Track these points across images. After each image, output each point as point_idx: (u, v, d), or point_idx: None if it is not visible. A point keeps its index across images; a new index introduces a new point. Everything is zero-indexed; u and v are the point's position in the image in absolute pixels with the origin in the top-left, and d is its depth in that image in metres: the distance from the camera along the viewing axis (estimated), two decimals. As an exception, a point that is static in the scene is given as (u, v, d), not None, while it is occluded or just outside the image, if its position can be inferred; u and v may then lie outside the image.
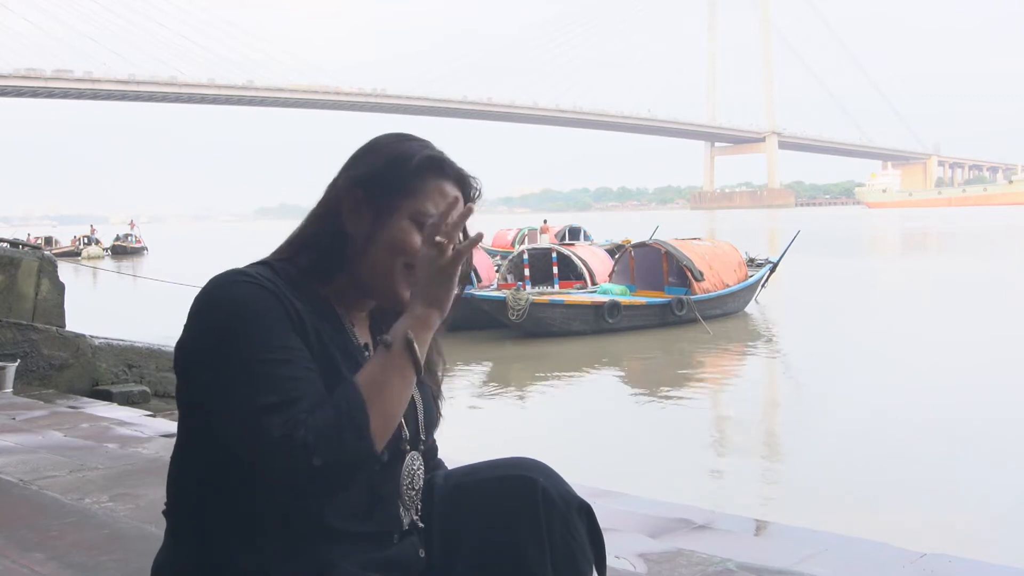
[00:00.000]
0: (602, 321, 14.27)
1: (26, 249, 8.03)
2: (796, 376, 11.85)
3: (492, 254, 21.40)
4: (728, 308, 16.02)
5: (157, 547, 1.38)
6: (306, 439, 1.17)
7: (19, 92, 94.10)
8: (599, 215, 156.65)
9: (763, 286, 17.34)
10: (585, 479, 3.39)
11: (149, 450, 4.17)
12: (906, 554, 2.76)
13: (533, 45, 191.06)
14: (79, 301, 11.19)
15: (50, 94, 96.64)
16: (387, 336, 1.28)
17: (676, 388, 10.61)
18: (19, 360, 6.20)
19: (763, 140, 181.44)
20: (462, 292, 1.42)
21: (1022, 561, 4.48)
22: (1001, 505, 5.93)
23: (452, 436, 1.63)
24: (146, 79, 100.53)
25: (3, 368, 5.93)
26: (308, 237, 1.38)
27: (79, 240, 48.23)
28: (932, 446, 7.49)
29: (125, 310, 19.37)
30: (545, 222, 30.20)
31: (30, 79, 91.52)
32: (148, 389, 6.69)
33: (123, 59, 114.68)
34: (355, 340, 1.37)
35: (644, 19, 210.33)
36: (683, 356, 13.09)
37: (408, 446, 1.37)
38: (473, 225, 1.34)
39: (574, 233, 29.32)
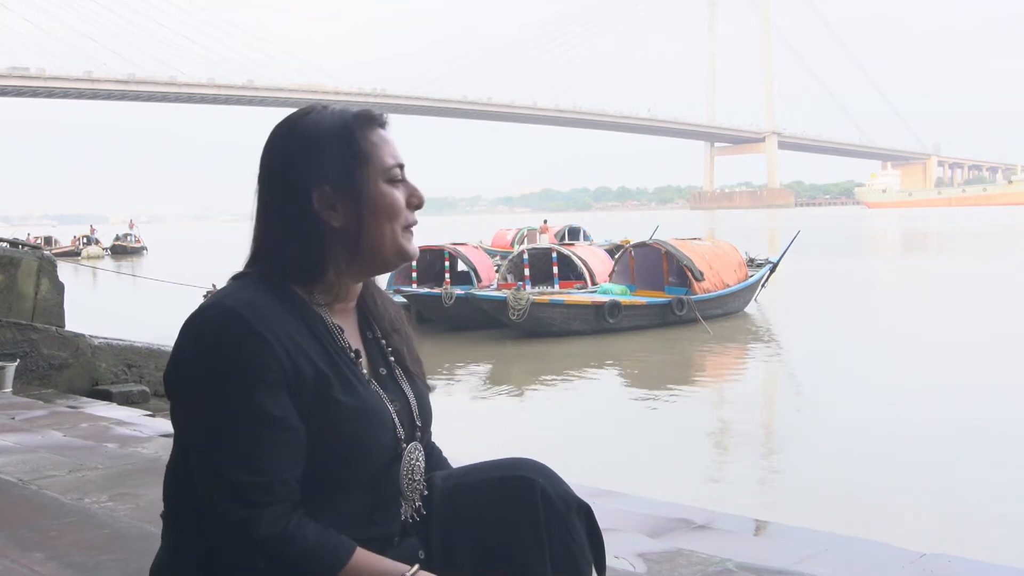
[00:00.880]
0: (602, 321, 14.27)
1: (26, 249, 8.02)
2: (796, 376, 11.85)
3: (492, 254, 21.38)
4: (728, 308, 16.02)
5: (157, 547, 1.38)
6: (265, 542, 1.19)
7: (19, 92, 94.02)
8: (599, 215, 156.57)
9: (763, 286, 17.34)
10: (585, 479, 3.39)
11: (149, 450, 4.17)
12: (906, 554, 2.76)
13: (533, 45, 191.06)
14: (79, 301, 11.19)
15: (50, 94, 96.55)
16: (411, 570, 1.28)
17: (676, 388, 10.61)
18: (19, 360, 6.20)
19: (763, 140, 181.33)
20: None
21: (1022, 561, 4.49)
22: (1001, 505, 5.93)
23: (452, 436, 1.63)
24: (146, 79, 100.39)
25: (3, 368, 5.93)
26: (284, 245, 1.33)
27: (79, 240, 48.24)
28: (932, 446, 7.48)
29: (125, 310, 19.36)
30: (545, 222, 30.19)
31: (30, 79, 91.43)
32: (148, 389, 6.69)
33: (123, 59, 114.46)
34: (347, 351, 1.36)
35: (644, 19, 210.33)
36: (683, 356, 13.09)
37: (405, 442, 1.37)
38: (473, 225, 1.34)
39: (573, 233, 29.32)
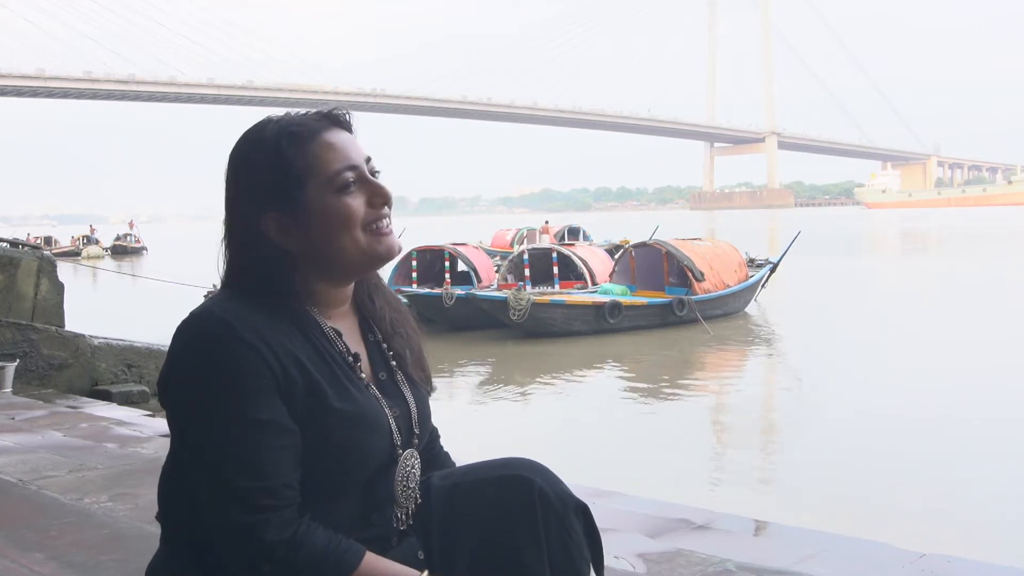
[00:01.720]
0: (603, 321, 14.27)
1: (26, 249, 8.02)
2: (796, 376, 11.84)
3: (491, 254, 21.38)
4: (729, 308, 16.02)
5: (156, 547, 1.38)
6: (274, 549, 1.19)
7: (19, 92, 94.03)
8: (599, 215, 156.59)
9: (763, 286, 17.34)
10: (585, 479, 3.39)
11: (148, 450, 4.17)
12: (906, 554, 2.76)
13: (533, 45, 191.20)
14: (79, 301, 11.19)
15: (50, 94, 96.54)
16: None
17: (676, 388, 10.61)
18: (18, 360, 6.20)
19: (763, 140, 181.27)
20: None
21: (1022, 561, 4.48)
22: (1001, 505, 5.93)
23: (453, 436, 1.63)
24: (146, 79, 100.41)
25: (2, 368, 5.93)
26: (252, 269, 1.33)
27: (79, 240, 48.26)
28: (932, 446, 7.48)
29: (124, 310, 19.36)
30: (547, 223, 30.21)
31: (30, 79, 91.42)
32: (147, 389, 6.68)
33: (123, 59, 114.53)
34: (344, 354, 1.35)
35: (644, 19, 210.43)
36: (684, 356, 13.09)
37: (401, 449, 1.37)
38: (473, 225, 1.34)
39: (573, 233, 29.33)
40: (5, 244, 7.97)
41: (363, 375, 1.36)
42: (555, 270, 17.12)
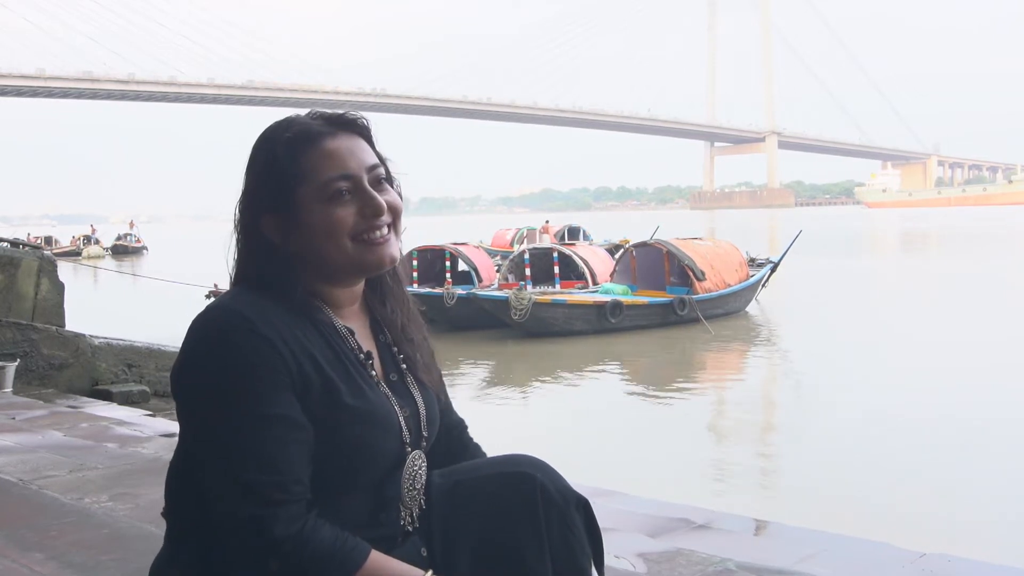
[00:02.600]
0: (604, 321, 14.28)
1: (26, 249, 8.02)
2: (797, 376, 11.85)
3: (492, 254, 21.39)
4: (730, 308, 16.02)
5: (157, 547, 1.38)
6: (282, 544, 1.19)
7: (19, 92, 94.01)
8: (599, 215, 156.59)
9: (763, 286, 17.35)
10: (586, 478, 3.38)
11: (149, 450, 4.17)
12: (906, 554, 2.76)
13: (533, 45, 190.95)
14: (79, 301, 11.18)
15: (50, 94, 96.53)
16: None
17: (677, 388, 10.61)
18: (19, 360, 6.20)
19: (763, 140, 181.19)
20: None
21: (1022, 561, 4.48)
22: (1001, 505, 5.93)
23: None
24: (146, 79, 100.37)
25: (3, 368, 5.93)
26: (253, 269, 1.34)
27: (79, 240, 48.28)
28: (932, 446, 7.48)
29: (125, 310, 19.36)
30: (547, 222, 30.21)
31: (30, 79, 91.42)
32: (148, 389, 6.69)
33: (123, 59, 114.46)
34: (356, 352, 1.36)
35: (644, 19, 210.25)
36: (685, 356, 13.10)
37: (410, 448, 1.38)
38: (473, 225, 1.33)
39: (573, 233, 29.32)
40: (5, 244, 7.98)
41: (374, 373, 1.37)
42: (556, 270, 17.14)
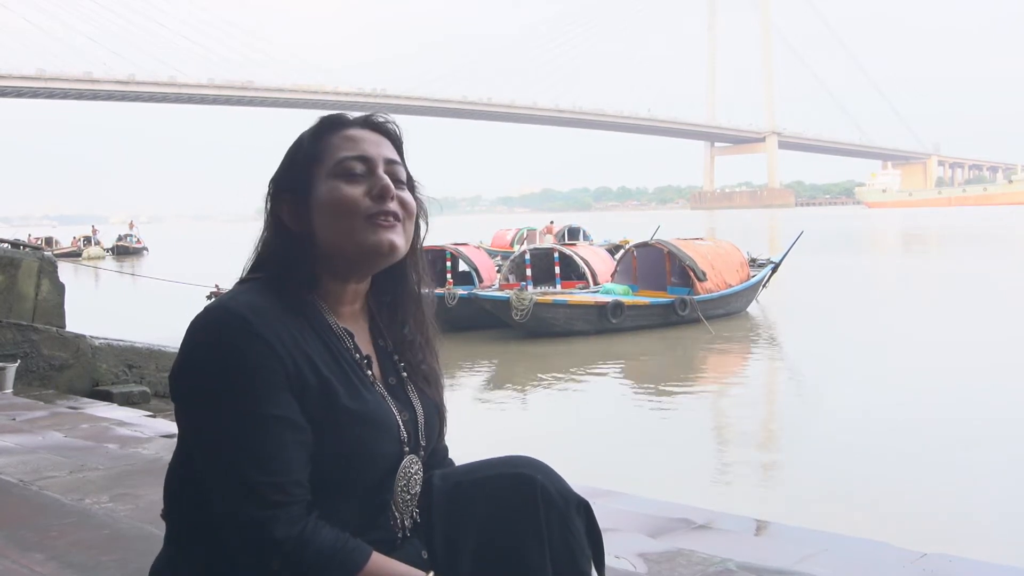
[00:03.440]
0: (605, 321, 14.28)
1: (26, 250, 8.03)
2: (797, 376, 11.85)
3: (492, 254, 21.39)
4: (731, 308, 16.02)
5: (157, 547, 1.38)
6: (283, 544, 1.19)
7: (19, 92, 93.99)
8: (599, 215, 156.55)
9: (764, 286, 17.35)
10: (586, 479, 3.39)
11: (149, 450, 4.17)
12: (906, 554, 2.76)
13: (533, 45, 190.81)
14: (79, 301, 11.19)
15: (50, 94, 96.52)
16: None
17: (678, 388, 10.61)
18: (19, 360, 6.21)
19: (763, 140, 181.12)
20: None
21: (1022, 561, 4.48)
22: (1001, 505, 5.93)
23: (455, 436, 1.63)
24: (146, 79, 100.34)
25: (3, 368, 5.93)
26: (270, 255, 1.37)
27: (79, 240, 48.31)
28: (932, 446, 7.48)
29: (125, 310, 19.36)
30: (551, 223, 30.20)
31: (30, 79, 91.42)
32: (148, 389, 6.69)
33: (123, 59, 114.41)
34: (354, 354, 1.36)
35: (644, 19, 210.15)
36: (686, 356, 13.09)
37: (407, 449, 1.38)
38: (473, 225, 1.34)
39: (573, 233, 29.32)
40: (6, 245, 7.99)
41: (371, 374, 1.37)
42: (557, 270, 17.14)
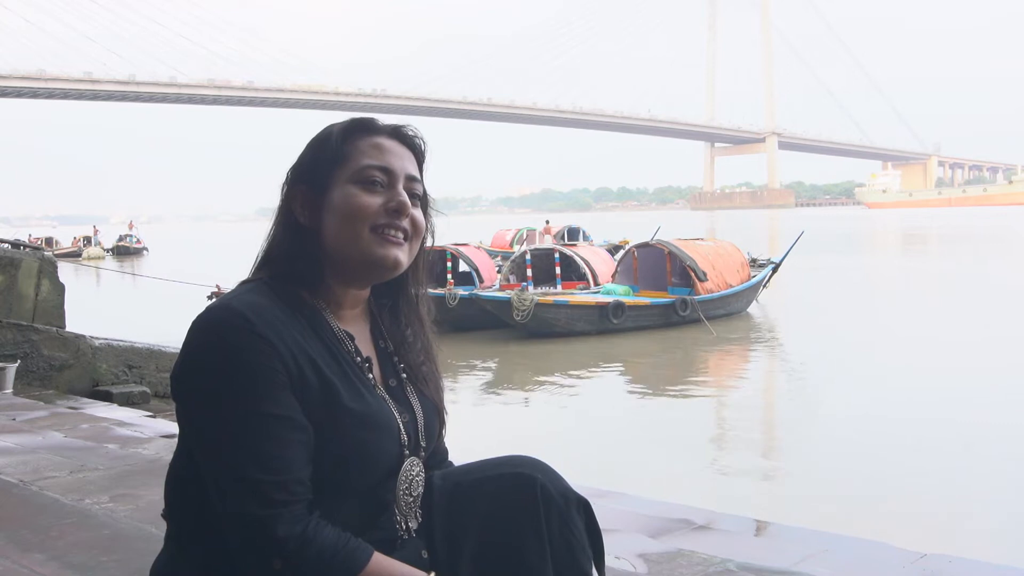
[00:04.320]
0: (606, 321, 14.28)
1: (26, 250, 8.03)
2: (798, 376, 11.85)
3: (492, 255, 21.38)
4: (731, 308, 16.02)
5: (157, 547, 1.38)
6: (285, 543, 1.19)
7: (19, 93, 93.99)
8: (599, 215, 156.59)
9: (764, 286, 17.36)
10: (586, 479, 3.39)
11: (149, 451, 4.17)
12: (906, 554, 2.76)
13: (533, 45, 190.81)
14: (79, 301, 11.19)
15: (50, 95, 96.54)
16: None
17: (679, 388, 10.62)
18: (19, 361, 6.21)
19: (763, 140, 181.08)
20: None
21: (1022, 561, 4.48)
22: (1001, 505, 5.93)
23: (456, 436, 1.63)
24: (146, 79, 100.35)
25: (3, 369, 5.93)
26: (277, 248, 1.38)
27: (80, 240, 48.33)
28: (933, 446, 7.48)
29: (125, 310, 19.36)
30: (548, 223, 30.18)
31: (30, 79, 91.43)
32: (148, 390, 6.70)
33: (123, 59, 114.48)
34: (354, 356, 1.36)
35: (644, 19, 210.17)
36: (687, 356, 13.09)
37: (408, 451, 1.38)
38: (473, 225, 1.34)
39: (573, 234, 29.31)
40: (6, 245, 7.99)
41: (371, 376, 1.37)
42: (557, 270, 17.14)
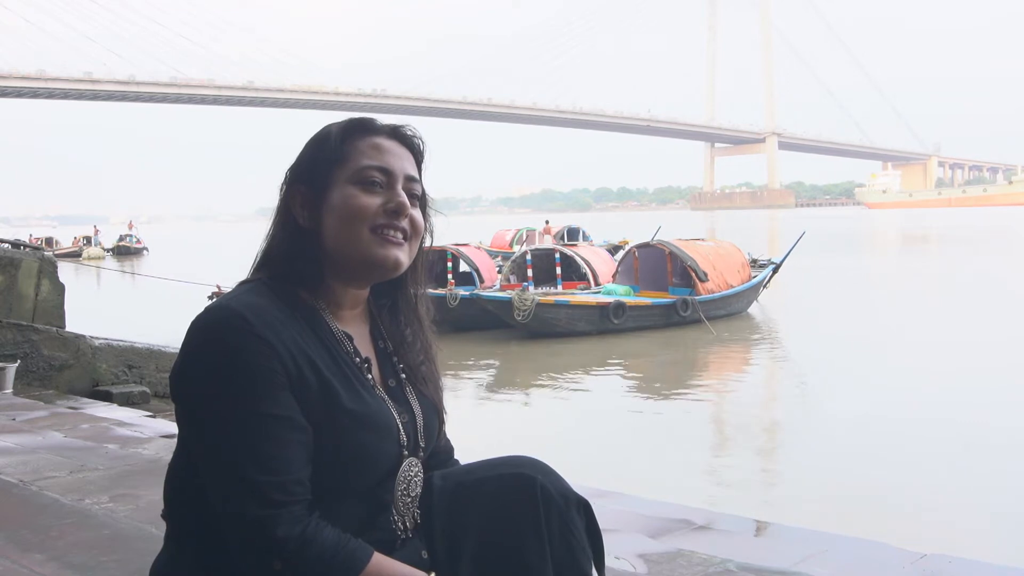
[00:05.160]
0: (607, 321, 14.28)
1: (27, 250, 8.03)
2: (798, 377, 11.84)
3: (492, 255, 21.38)
4: (732, 309, 16.02)
5: (157, 547, 1.38)
6: (285, 543, 1.19)
7: (19, 93, 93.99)
8: (599, 215, 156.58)
9: (765, 286, 17.36)
10: (586, 479, 3.39)
11: (149, 451, 4.17)
12: (906, 554, 2.76)
13: (533, 45, 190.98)
14: (79, 301, 11.19)
15: (50, 95, 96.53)
16: None
17: (680, 389, 10.62)
18: (19, 361, 6.21)
19: (763, 140, 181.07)
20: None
21: (1022, 561, 4.48)
22: (1002, 505, 5.93)
23: (456, 436, 1.63)
24: (146, 80, 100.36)
25: (3, 369, 5.93)
26: (276, 248, 1.37)
27: (80, 240, 48.34)
28: (933, 446, 7.48)
29: (125, 310, 19.36)
30: (547, 223, 30.17)
31: (30, 80, 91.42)
32: (148, 390, 6.69)
33: (123, 59, 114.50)
34: (353, 356, 1.36)
35: (644, 19, 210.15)
36: (687, 357, 13.10)
37: (407, 451, 1.38)
38: (474, 226, 1.34)
39: (572, 234, 29.29)
40: (6, 245, 7.99)
41: (371, 377, 1.37)
42: (558, 271, 17.14)
